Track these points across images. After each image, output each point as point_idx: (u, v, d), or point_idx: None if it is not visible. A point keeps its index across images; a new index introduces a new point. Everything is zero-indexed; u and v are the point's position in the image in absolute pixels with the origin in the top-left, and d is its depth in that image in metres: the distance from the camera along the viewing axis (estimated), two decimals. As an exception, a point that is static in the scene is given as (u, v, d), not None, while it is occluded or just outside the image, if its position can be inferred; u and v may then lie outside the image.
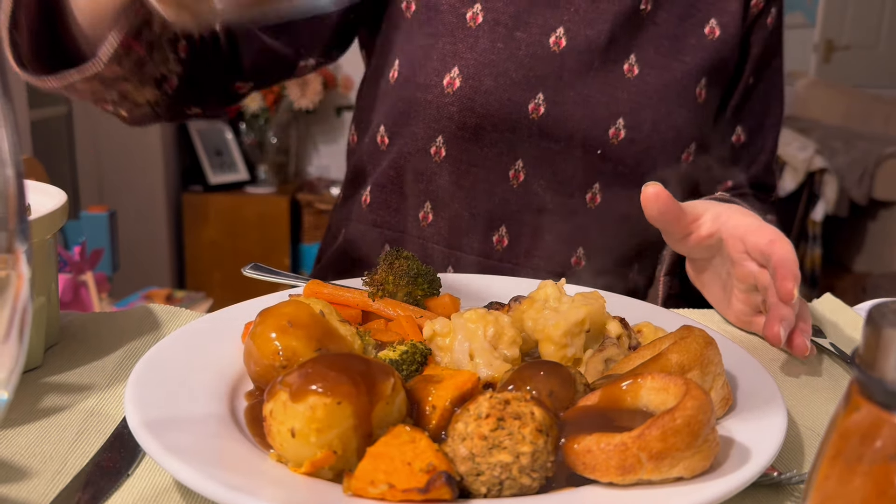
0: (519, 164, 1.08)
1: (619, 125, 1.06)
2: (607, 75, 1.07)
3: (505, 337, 0.64)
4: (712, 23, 1.11)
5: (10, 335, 0.34)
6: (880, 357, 0.32)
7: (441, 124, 1.08)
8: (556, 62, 1.06)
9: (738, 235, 0.81)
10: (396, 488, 0.45)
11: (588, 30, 1.06)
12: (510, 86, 1.05)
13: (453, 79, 1.06)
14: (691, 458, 0.47)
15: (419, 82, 1.08)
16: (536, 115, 1.06)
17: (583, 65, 1.06)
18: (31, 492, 0.53)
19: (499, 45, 1.05)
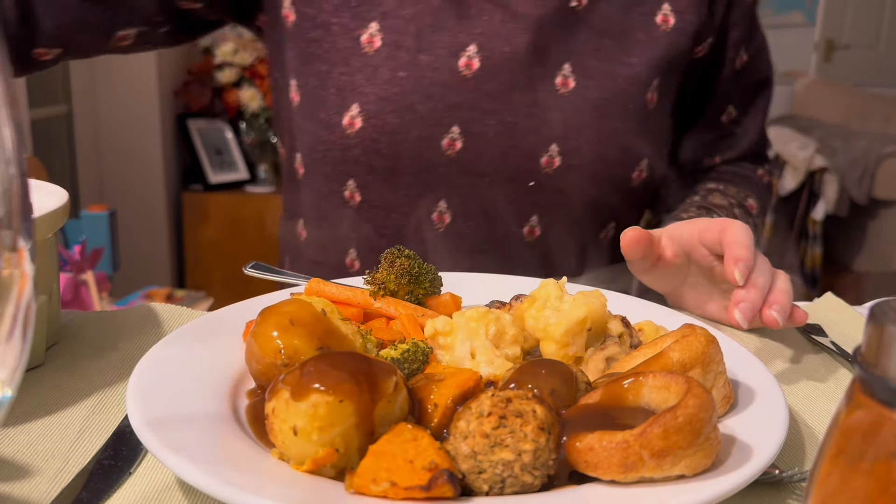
0: (442, 206, 0.97)
1: (552, 152, 0.93)
2: (535, 95, 0.94)
3: (506, 336, 0.64)
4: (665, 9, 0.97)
5: (14, 334, 0.34)
6: (882, 355, 0.32)
7: (348, 167, 0.96)
8: (468, 88, 0.92)
9: (695, 243, 0.79)
10: (399, 486, 0.45)
11: (505, 45, 0.92)
12: (418, 121, 0.92)
13: (353, 118, 0.93)
14: (693, 456, 0.47)
15: (320, 118, 0.96)
16: (453, 150, 0.93)
17: (502, 87, 0.93)
18: (34, 490, 0.53)
19: (400, 75, 0.92)
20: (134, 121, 3.67)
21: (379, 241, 0.99)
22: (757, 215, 1.10)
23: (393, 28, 0.92)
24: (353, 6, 0.94)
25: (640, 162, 0.98)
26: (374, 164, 0.94)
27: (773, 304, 0.73)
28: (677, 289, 0.85)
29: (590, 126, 0.94)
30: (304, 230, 1.08)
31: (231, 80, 3.78)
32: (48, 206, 0.68)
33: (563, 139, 0.93)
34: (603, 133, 0.94)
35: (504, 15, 0.92)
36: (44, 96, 3.38)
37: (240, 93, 3.78)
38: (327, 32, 0.94)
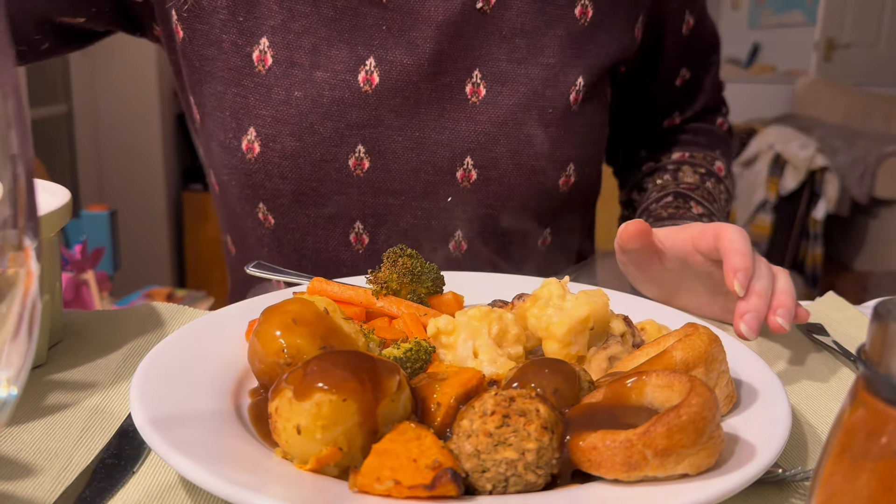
0: (358, 227, 0.92)
1: (467, 165, 0.88)
2: (443, 106, 0.88)
3: (509, 335, 0.64)
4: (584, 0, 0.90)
5: (20, 332, 0.34)
6: (886, 353, 0.32)
7: (255, 192, 0.91)
8: (370, 104, 0.87)
9: (689, 250, 0.78)
10: (402, 485, 0.45)
11: (406, 56, 0.86)
12: (320, 143, 0.87)
13: (251, 142, 0.87)
14: (696, 454, 0.47)
15: (220, 140, 0.90)
16: (361, 170, 0.88)
17: (407, 100, 0.88)
18: (37, 488, 0.53)
19: (296, 95, 0.86)
20: (134, 120, 3.68)
21: (301, 262, 0.95)
22: (725, 176, 1.09)
23: (284, 43, 0.86)
24: (240, 21, 0.87)
25: (565, 167, 0.92)
26: (279, 189, 0.89)
27: (778, 309, 0.72)
28: (673, 294, 0.84)
29: (506, 135, 0.88)
30: (233, 246, 1.04)
31: (231, 80, 3.78)
32: (50, 206, 0.68)
33: (477, 151, 0.88)
34: (520, 141, 0.89)
35: (403, 23, 0.86)
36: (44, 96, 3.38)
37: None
38: (219, 50, 0.88)
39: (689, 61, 1.10)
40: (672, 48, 1.06)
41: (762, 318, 0.71)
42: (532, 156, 0.89)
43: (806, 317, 0.75)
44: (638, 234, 0.77)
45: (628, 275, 0.85)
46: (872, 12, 5.28)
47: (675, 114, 1.14)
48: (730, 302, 0.82)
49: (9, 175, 0.33)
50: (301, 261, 0.96)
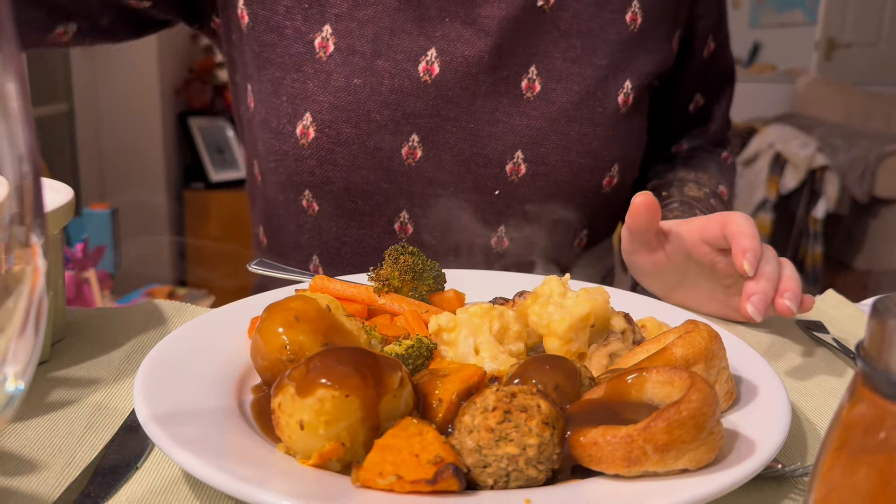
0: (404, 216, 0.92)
1: (517, 159, 0.90)
2: (498, 100, 0.90)
3: (510, 332, 0.64)
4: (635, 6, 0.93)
5: (27, 328, 0.34)
6: (885, 349, 0.33)
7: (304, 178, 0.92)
8: (428, 95, 0.88)
9: (695, 241, 0.78)
10: (405, 479, 0.45)
11: (467, 48, 0.88)
12: (375, 131, 0.88)
13: (306, 128, 0.88)
14: (696, 450, 0.48)
15: (272, 126, 0.92)
16: (413, 160, 0.89)
17: (464, 92, 0.89)
18: (41, 484, 0.53)
19: (356, 82, 0.87)
20: (135, 119, 3.68)
21: (341, 250, 0.95)
22: (727, 201, 1.10)
23: (347, 32, 0.87)
24: (305, 7, 0.88)
25: (610, 168, 0.94)
26: (329, 176, 0.90)
27: (785, 293, 0.72)
28: (675, 290, 0.84)
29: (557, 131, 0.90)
30: (265, 237, 1.05)
31: (232, 79, 3.78)
32: (53, 204, 0.68)
33: (528, 145, 0.90)
34: (570, 139, 0.91)
35: (466, 17, 0.87)
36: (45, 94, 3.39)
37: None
38: (281, 36, 0.89)
39: (704, 87, 1.10)
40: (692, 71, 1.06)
41: (769, 300, 0.71)
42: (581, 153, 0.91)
43: (811, 305, 0.76)
44: (646, 207, 0.76)
45: (632, 267, 0.85)
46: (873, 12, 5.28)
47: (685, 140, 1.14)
48: (729, 298, 0.82)
49: (16, 173, 0.33)
50: (341, 249, 0.96)
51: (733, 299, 0.82)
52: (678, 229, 0.80)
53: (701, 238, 0.78)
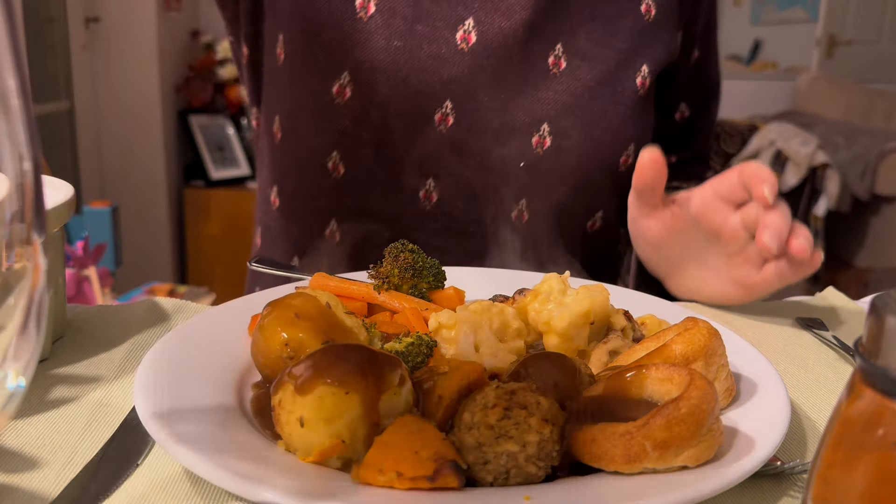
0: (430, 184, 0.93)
1: (543, 131, 0.92)
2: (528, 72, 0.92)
3: (510, 329, 0.64)
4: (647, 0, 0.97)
5: (28, 325, 0.34)
6: (884, 345, 0.33)
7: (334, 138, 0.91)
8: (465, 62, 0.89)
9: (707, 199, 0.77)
10: (404, 476, 0.46)
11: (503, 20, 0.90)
12: (411, 94, 0.89)
13: (343, 87, 0.89)
14: (696, 447, 0.48)
15: (305, 82, 0.92)
16: (445, 126, 0.90)
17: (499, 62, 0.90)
18: (42, 482, 0.53)
19: (396, 44, 0.88)
20: (135, 117, 3.68)
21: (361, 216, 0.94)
22: None
23: None
24: None
25: (627, 146, 0.97)
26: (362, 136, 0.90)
27: (800, 232, 0.73)
28: (679, 266, 0.83)
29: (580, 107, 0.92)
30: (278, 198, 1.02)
31: (232, 76, 3.78)
32: (54, 201, 0.68)
33: (554, 118, 0.92)
34: (593, 115, 0.93)
35: None
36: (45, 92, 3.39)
37: (241, 89, 3.78)
38: None
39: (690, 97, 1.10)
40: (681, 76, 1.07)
41: (784, 234, 0.72)
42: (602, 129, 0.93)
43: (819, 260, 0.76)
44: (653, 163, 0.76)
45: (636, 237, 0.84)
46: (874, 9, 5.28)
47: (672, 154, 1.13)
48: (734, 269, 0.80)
49: (16, 170, 0.33)
50: (361, 215, 0.95)
51: (738, 269, 0.80)
52: (686, 194, 0.80)
53: (715, 193, 0.77)
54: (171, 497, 0.52)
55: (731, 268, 0.81)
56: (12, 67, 0.32)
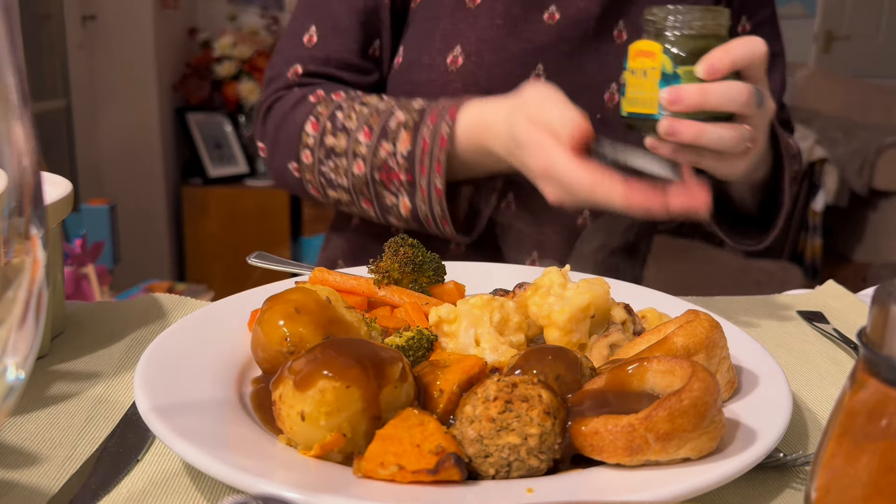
0: None
1: (612, 89, 1.11)
2: (599, 42, 1.11)
3: (510, 323, 0.64)
4: None
5: (27, 319, 0.34)
6: (887, 335, 0.33)
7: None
8: (553, 33, 1.09)
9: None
10: (406, 469, 0.45)
11: (579, 1, 1.10)
12: (511, 59, 1.08)
13: (456, 57, 1.09)
14: (698, 439, 0.48)
15: (423, 63, 1.11)
16: None
17: (579, 33, 1.10)
18: (42, 477, 0.53)
19: (497, 22, 1.08)
20: (133, 115, 3.67)
21: (461, 170, 1.08)
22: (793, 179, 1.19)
23: None
24: None
25: None
26: (470, 97, 1.05)
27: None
28: None
29: None
30: None
31: (230, 74, 3.77)
32: (51, 197, 0.68)
33: (620, 78, 1.08)
34: None
35: None
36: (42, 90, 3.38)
37: (239, 86, 3.78)
38: None
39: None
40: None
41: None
42: None
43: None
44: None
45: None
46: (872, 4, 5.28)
47: None
48: None
49: (15, 166, 0.33)
50: (461, 169, 1.08)
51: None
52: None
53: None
54: (171, 492, 0.52)
55: None
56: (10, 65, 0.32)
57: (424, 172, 0.99)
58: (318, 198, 1.11)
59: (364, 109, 1.05)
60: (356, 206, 1.08)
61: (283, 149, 1.10)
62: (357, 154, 1.03)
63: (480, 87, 1.08)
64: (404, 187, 1.01)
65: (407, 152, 1.00)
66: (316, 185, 1.09)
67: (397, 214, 1.04)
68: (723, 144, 0.84)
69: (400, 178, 1.01)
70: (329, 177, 1.06)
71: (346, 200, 1.08)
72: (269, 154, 1.14)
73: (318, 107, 1.07)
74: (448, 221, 1.00)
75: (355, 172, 1.03)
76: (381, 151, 1.01)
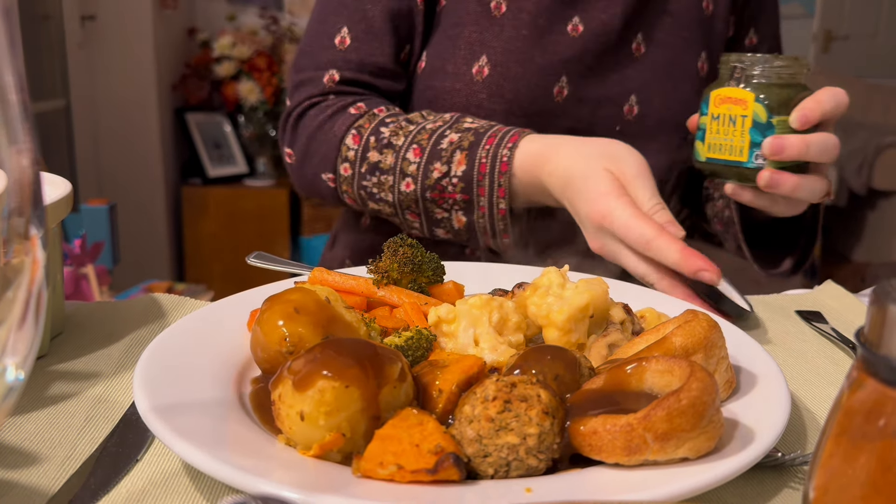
0: None
1: (631, 101, 1.13)
2: (619, 55, 1.13)
3: (509, 323, 0.64)
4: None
5: (26, 319, 0.34)
6: (885, 335, 0.33)
7: (469, 112, 1.09)
8: (577, 46, 1.10)
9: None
10: (405, 469, 0.46)
11: (602, 14, 1.11)
12: (536, 71, 1.08)
13: (482, 67, 1.09)
14: (696, 438, 0.48)
15: (448, 71, 1.10)
16: (561, 97, 1.09)
17: (601, 45, 1.11)
18: (41, 477, 0.53)
19: (524, 33, 1.09)
20: (132, 115, 3.67)
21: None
22: None
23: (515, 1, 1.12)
24: None
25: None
26: (495, 108, 1.09)
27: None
28: None
29: (657, 82, 1.14)
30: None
31: (229, 74, 3.77)
32: (51, 197, 0.68)
33: (638, 91, 1.13)
34: (667, 88, 1.15)
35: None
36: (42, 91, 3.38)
37: (238, 86, 3.78)
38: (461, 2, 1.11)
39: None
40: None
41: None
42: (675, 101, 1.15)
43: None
44: None
45: None
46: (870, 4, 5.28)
47: None
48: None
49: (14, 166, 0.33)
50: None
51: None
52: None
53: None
54: (170, 492, 0.52)
55: None
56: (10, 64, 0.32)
57: (484, 193, 0.98)
58: (355, 207, 1.10)
59: (410, 127, 1.04)
60: (399, 218, 1.06)
61: (318, 159, 1.08)
62: (406, 173, 1.01)
63: (505, 97, 1.08)
64: (458, 205, 1.00)
65: (462, 173, 0.98)
66: (354, 197, 1.07)
67: (448, 227, 1.03)
68: (813, 196, 0.88)
69: (455, 197, 1.00)
70: (371, 191, 1.04)
71: (389, 213, 1.06)
72: (298, 162, 1.12)
73: (361, 120, 1.05)
74: (509, 235, 1.00)
75: (403, 190, 1.02)
76: (433, 172, 1.00)
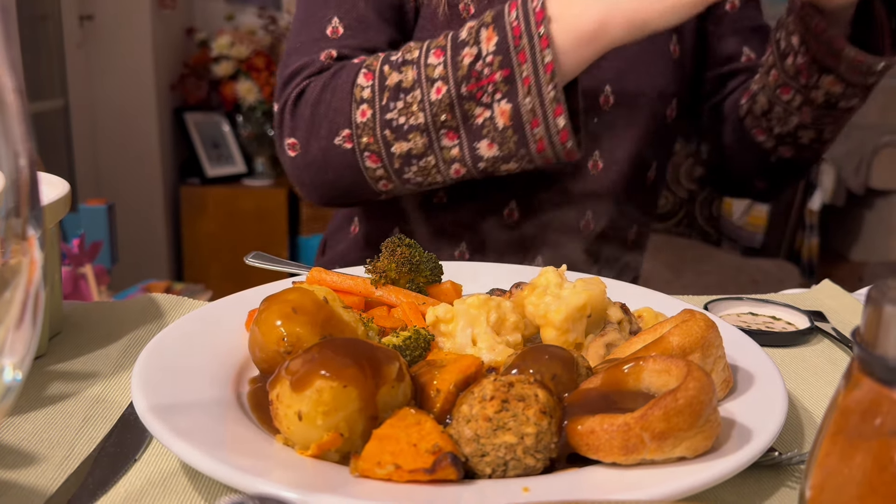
0: None
1: (606, 91, 1.14)
2: None
3: (507, 322, 0.64)
4: None
5: (24, 319, 0.34)
6: (881, 334, 0.33)
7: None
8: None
9: None
10: (403, 469, 0.46)
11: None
12: None
13: None
14: (693, 438, 0.48)
15: None
16: None
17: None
18: (40, 477, 0.53)
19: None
20: (131, 114, 3.67)
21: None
22: None
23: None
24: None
25: (671, 101, 1.19)
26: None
27: None
28: None
29: (633, 70, 1.16)
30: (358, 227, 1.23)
31: (228, 74, 3.77)
32: (49, 197, 0.68)
33: (613, 81, 1.15)
34: (642, 75, 1.17)
35: None
36: (40, 91, 3.38)
37: (236, 86, 3.77)
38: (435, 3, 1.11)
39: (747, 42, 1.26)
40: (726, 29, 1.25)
41: None
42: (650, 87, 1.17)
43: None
44: None
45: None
46: (868, 3, 5.27)
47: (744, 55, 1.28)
48: None
49: (12, 166, 0.33)
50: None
51: None
52: None
53: None
54: (168, 492, 0.52)
55: None
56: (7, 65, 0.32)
57: (525, 58, 0.92)
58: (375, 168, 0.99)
59: (421, 44, 0.99)
60: (433, 152, 0.97)
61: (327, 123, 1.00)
62: (432, 78, 0.95)
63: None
64: (500, 89, 0.93)
65: (496, 46, 0.92)
66: (376, 148, 0.98)
67: (493, 134, 0.95)
68: None
69: (494, 78, 0.93)
70: (397, 124, 0.96)
71: (420, 148, 0.97)
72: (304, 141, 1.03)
73: (367, 61, 1.00)
74: (563, 106, 0.92)
75: (434, 99, 0.94)
76: (463, 60, 0.93)
